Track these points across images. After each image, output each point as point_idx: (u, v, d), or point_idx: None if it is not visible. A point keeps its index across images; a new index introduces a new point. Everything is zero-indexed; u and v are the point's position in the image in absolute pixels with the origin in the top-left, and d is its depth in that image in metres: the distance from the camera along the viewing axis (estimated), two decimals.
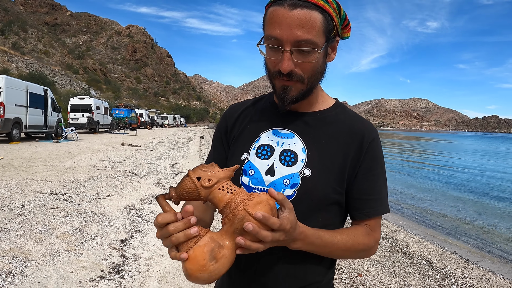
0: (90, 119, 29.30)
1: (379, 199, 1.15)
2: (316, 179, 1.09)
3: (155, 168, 11.70)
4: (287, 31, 0.99)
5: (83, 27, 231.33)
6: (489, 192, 13.72)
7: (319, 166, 1.11)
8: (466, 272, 5.42)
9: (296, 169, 1.10)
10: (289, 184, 1.09)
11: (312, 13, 1.00)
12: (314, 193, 1.09)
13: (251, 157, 1.16)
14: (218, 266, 0.86)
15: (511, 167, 24.26)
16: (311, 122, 1.18)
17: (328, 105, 1.23)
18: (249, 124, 1.25)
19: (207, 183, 0.87)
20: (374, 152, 1.15)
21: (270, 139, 1.17)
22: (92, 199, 6.73)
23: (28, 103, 17.87)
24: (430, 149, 44.62)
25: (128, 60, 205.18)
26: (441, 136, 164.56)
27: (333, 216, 1.15)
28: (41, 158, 11.97)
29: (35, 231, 4.82)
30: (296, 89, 1.08)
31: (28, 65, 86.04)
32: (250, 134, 1.22)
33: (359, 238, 1.10)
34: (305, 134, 1.15)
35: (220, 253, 0.86)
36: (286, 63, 1.02)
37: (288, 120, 1.19)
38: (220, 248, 0.87)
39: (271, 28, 1.03)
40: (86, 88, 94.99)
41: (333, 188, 1.10)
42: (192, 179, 0.88)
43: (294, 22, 0.99)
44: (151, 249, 4.61)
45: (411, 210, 9.98)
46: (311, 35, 1.00)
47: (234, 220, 0.85)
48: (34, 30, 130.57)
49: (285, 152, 1.13)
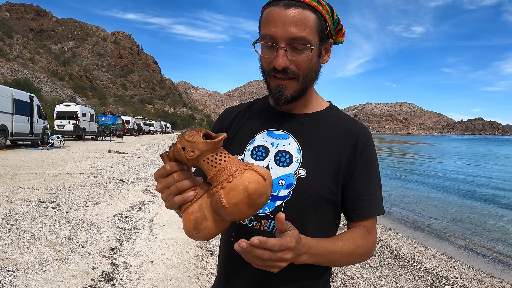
0: (76, 126, 29.01)
1: (374, 199, 1.15)
2: (311, 179, 1.09)
3: (143, 175, 11.61)
4: (282, 29, 1.02)
5: (68, 34, 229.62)
6: (476, 193, 13.87)
7: (314, 166, 1.11)
8: (457, 272, 5.47)
9: (291, 169, 1.10)
10: (284, 184, 1.09)
11: (305, 12, 1.04)
12: (309, 193, 1.08)
13: (246, 158, 1.16)
14: (200, 235, 0.89)
15: (496, 169, 24.56)
16: (306, 123, 1.18)
17: (322, 107, 1.24)
18: (244, 126, 1.25)
19: (191, 155, 0.85)
20: (368, 152, 1.16)
21: (265, 140, 1.17)
22: (80, 207, 6.65)
23: (13, 110, 17.63)
24: (416, 152, 45.06)
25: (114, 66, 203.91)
26: (427, 139, 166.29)
27: (328, 216, 1.15)
28: (28, 165, 11.80)
29: (23, 240, 4.74)
30: (291, 88, 1.09)
31: (14, 71, 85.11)
32: (244, 136, 1.22)
33: (358, 242, 1.09)
34: (299, 135, 1.16)
35: (202, 225, 0.87)
36: (280, 59, 1.04)
37: (283, 121, 1.19)
38: (204, 220, 0.87)
39: (266, 27, 1.05)
40: (72, 95, 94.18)
41: (329, 188, 1.10)
42: (179, 149, 0.86)
43: (288, 20, 1.02)
44: (141, 257, 4.56)
45: (400, 213, 10.03)
46: (305, 33, 1.03)
47: (212, 200, 0.85)
48: (20, 37, 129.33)
49: (280, 153, 1.13)
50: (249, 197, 0.81)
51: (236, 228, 1.13)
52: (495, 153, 47.71)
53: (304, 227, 1.07)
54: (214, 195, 0.83)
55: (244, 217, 0.85)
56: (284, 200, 1.08)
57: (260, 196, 0.82)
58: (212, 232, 0.88)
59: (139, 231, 5.57)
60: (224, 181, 0.82)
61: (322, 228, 1.12)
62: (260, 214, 1.09)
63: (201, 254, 4.84)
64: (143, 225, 5.92)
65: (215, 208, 0.84)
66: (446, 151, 51.53)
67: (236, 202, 0.81)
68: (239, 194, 0.80)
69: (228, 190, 0.81)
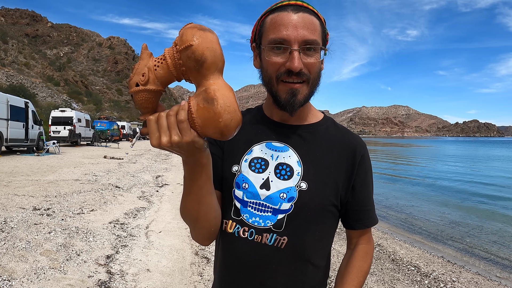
0: (71, 132, 28.91)
1: (372, 209, 1.23)
2: (313, 192, 1.10)
3: (139, 181, 11.57)
4: (294, 32, 1.02)
5: (64, 39, 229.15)
6: (472, 196, 13.90)
7: (315, 179, 1.11)
8: (454, 276, 5.47)
9: (292, 182, 1.10)
10: (286, 198, 1.09)
11: (313, 18, 1.06)
12: (311, 206, 1.09)
13: (243, 169, 1.14)
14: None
15: (492, 171, 24.64)
16: (305, 135, 1.17)
17: (318, 118, 1.23)
18: (238, 134, 1.22)
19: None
20: (366, 164, 1.20)
21: (263, 152, 1.15)
22: (76, 214, 6.61)
23: (8, 116, 17.57)
24: (411, 156, 45.17)
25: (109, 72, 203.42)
26: (423, 142, 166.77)
27: (328, 227, 1.17)
28: (23, 172, 11.74)
29: (19, 248, 4.70)
30: (302, 92, 1.08)
31: (9, 77, 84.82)
32: (240, 146, 1.19)
33: (364, 267, 1.21)
34: (299, 147, 1.15)
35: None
36: (297, 61, 1.02)
37: (282, 133, 1.18)
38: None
39: (276, 31, 1.05)
40: (67, 100, 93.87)
41: (329, 200, 1.12)
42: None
43: (300, 23, 1.03)
44: (137, 265, 4.53)
45: (396, 217, 10.03)
46: (315, 36, 1.05)
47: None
48: (15, 42, 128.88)
49: (280, 166, 1.12)
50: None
51: (235, 241, 1.12)
52: (490, 155, 47.87)
53: (305, 239, 1.10)
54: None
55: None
56: (286, 213, 1.08)
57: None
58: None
59: (135, 238, 5.54)
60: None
61: (322, 239, 1.15)
62: (261, 227, 1.09)
63: (198, 261, 4.81)
64: (139, 232, 5.89)
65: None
66: (441, 153, 51.67)
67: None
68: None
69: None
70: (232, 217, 1.13)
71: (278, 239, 1.08)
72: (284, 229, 1.08)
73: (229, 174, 1.16)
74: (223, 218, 1.15)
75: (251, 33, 1.18)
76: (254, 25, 1.16)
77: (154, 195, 9.22)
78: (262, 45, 1.09)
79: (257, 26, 1.13)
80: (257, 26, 1.13)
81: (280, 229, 1.08)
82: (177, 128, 0.77)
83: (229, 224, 1.13)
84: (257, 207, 1.10)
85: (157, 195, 9.27)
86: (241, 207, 1.12)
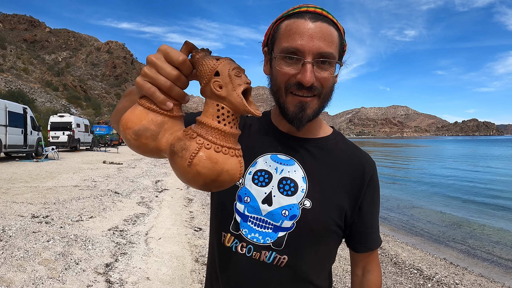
0: (70, 137, 28.87)
1: (377, 231, 1.18)
2: (317, 211, 1.04)
3: (138, 186, 11.50)
4: (310, 42, 0.95)
5: (62, 44, 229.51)
6: (473, 196, 13.85)
7: (320, 197, 1.05)
8: (457, 278, 5.42)
9: (295, 199, 1.04)
10: (288, 215, 1.03)
11: (331, 28, 0.98)
12: (315, 226, 1.03)
13: (246, 182, 1.08)
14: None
15: (492, 170, 24.61)
16: (313, 149, 1.11)
17: (327, 132, 1.18)
18: (244, 144, 1.12)
19: (216, 90, 0.70)
20: (375, 185, 1.14)
21: (267, 165, 1.09)
22: (75, 221, 6.55)
23: (7, 122, 17.55)
24: (411, 156, 45.18)
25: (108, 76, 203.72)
26: (422, 142, 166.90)
27: (331, 248, 1.12)
28: (22, 178, 11.69)
29: (17, 258, 4.65)
30: (312, 106, 1.01)
31: (7, 82, 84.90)
32: (245, 156, 1.12)
33: None
34: (306, 162, 1.09)
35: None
36: (309, 75, 0.95)
37: (288, 145, 1.11)
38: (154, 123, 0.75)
39: (290, 39, 0.97)
40: (66, 105, 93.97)
41: (334, 220, 1.06)
42: (213, 66, 0.70)
43: (317, 34, 0.95)
44: (137, 273, 4.48)
45: (397, 218, 9.98)
46: (332, 49, 0.97)
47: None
48: (13, 47, 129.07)
49: (284, 180, 1.06)
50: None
51: (232, 256, 1.07)
52: (490, 154, 47.86)
53: (305, 259, 1.04)
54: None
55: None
56: (287, 231, 1.03)
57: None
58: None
59: (135, 246, 5.48)
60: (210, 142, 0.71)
61: (324, 260, 1.10)
62: (261, 244, 1.03)
63: (198, 269, 4.76)
64: (138, 239, 5.83)
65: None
66: (441, 153, 51.67)
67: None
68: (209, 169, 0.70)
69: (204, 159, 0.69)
70: (231, 230, 1.07)
71: (277, 257, 1.03)
72: (284, 247, 1.03)
73: (232, 186, 1.10)
74: (221, 230, 1.10)
75: (263, 36, 1.11)
76: (268, 28, 1.08)
77: (153, 200, 9.17)
78: (274, 52, 1.02)
79: (271, 31, 1.05)
80: (270, 31, 1.06)
81: (280, 247, 1.03)
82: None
83: (227, 237, 1.08)
84: (258, 223, 1.04)
85: (157, 200, 9.22)
86: (241, 221, 1.06)
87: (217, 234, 1.12)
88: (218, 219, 1.13)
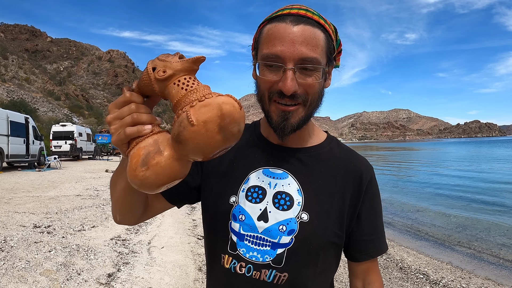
0: (73, 146, 28.92)
1: (381, 237, 1.11)
2: (315, 224, 0.99)
3: None
4: (291, 48, 0.89)
5: (63, 53, 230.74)
6: (477, 197, 13.74)
7: (317, 209, 1.00)
8: (464, 282, 5.35)
9: (292, 213, 0.99)
10: (286, 230, 0.98)
11: (315, 31, 0.92)
12: (314, 239, 0.98)
13: (240, 200, 1.03)
14: (149, 174, 0.70)
15: (496, 171, 24.49)
16: (306, 159, 1.06)
17: (320, 139, 1.12)
18: (235, 161, 1.10)
19: (161, 75, 0.70)
20: (373, 190, 1.09)
21: (260, 180, 1.04)
22: (77, 231, 6.51)
23: (9, 132, 17.59)
24: (414, 159, 45.06)
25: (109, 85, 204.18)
26: (425, 144, 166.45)
27: (330, 260, 1.06)
28: (24, 188, 11.68)
29: (18, 268, 4.61)
30: (297, 115, 0.96)
31: (10, 92, 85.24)
32: (237, 174, 1.07)
33: None
34: (300, 174, 1.04)
35: (155, 159, 0.70)
36: (289, 83, 0.89)
37: (280, 157, 1.06)
38: (157, 154, 0.70)
39: (270, 45, 0.92)
40: (68, 114, 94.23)
41: (333, 232, 1.01)
42: (148, 70, 0.73)
43: (298, 38, 0.90)
44: (139, 283, 4.42)
45: (402, 223, 9.90)
46: (316, 53, 0.91)
47: (175, 123, 0.68)
48: (15, 57, 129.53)
49: (279, 195, 1.01)
50: (221, 117, 0.65)
51: (232, 278, 1.01)
52: (493, 156, 47.65)
53: (305, 272, 0.99)
54: (180, 116, 0.67)
55: (209, 144, 0.67)
56: (286, 247, 0.98)
57: (233, 121, 0.67)
58: (163, 172, 0.70)
59: (137, 255, 5.43)
60: (195, 100, 0.67)
61: (324, 272, 1.04)
62: (260, 263, 0.98)
63: (201, 278, 4.70)
64: (141, 248, 5.78)
65: (177, 132, 0.67)
66: (444, 156, 51.50)
67: (206, 120, 0.65)
68: (211, 111, 0.65)
69: (199, 107, 0.65)
70: (229, 251, 1.02)
71: (277, 275, 0.98)
72: (284, 264, 0.97)
73: (226, 205, 1.04)
74: (220, 252, 1.04)
75: (252, 39, 1.06)
76: (256, 31, 1.04)
77: None
78: (258, 58, 0.97)
79: (257, 34, 1.01)
80: (256, 34, 1.01)
81: (280, 264, 0.98)
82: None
83: (226, 259, 1.03)
84: (255, 241, 0.99)
85: None
86: (237, 241, 1.01)
87: (215, 257, 1.07)
88: (214, 241, 1.08)
